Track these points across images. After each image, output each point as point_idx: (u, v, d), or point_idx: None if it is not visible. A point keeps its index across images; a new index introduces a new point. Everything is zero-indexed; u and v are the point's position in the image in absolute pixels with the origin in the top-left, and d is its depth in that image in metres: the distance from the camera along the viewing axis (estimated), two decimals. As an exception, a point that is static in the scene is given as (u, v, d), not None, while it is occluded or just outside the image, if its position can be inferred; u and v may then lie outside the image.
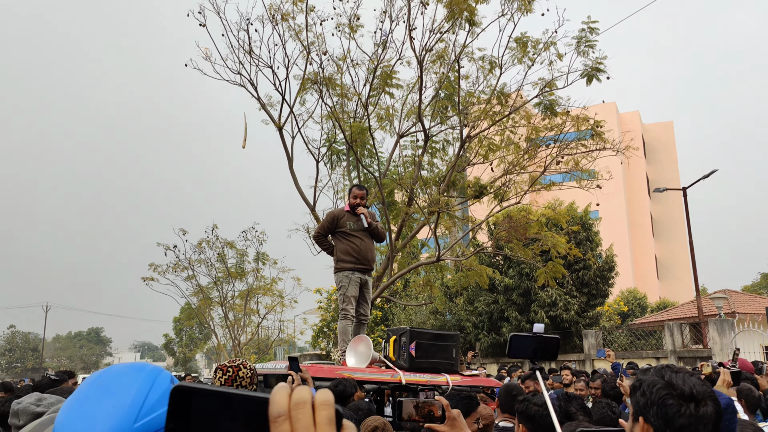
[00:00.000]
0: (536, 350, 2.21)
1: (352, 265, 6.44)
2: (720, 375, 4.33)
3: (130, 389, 1.15)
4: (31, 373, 61.05)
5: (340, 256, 6.50)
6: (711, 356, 17.37)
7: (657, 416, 1.52)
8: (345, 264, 6.46)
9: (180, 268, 21.05)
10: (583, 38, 11.74)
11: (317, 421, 0.64)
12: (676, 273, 47.88)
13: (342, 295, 6.47)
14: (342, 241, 6.53)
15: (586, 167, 13.19)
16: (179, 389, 0.65)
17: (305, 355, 36.18)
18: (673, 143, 53.92)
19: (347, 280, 6.42)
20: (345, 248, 6.48)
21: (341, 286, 6.48)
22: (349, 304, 6.40)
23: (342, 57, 12.79)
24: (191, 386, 0.65)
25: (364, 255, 6.48)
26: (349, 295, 6.40)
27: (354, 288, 6.43)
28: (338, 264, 6.53)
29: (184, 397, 0.64)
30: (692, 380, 1.55)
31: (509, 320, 22.79)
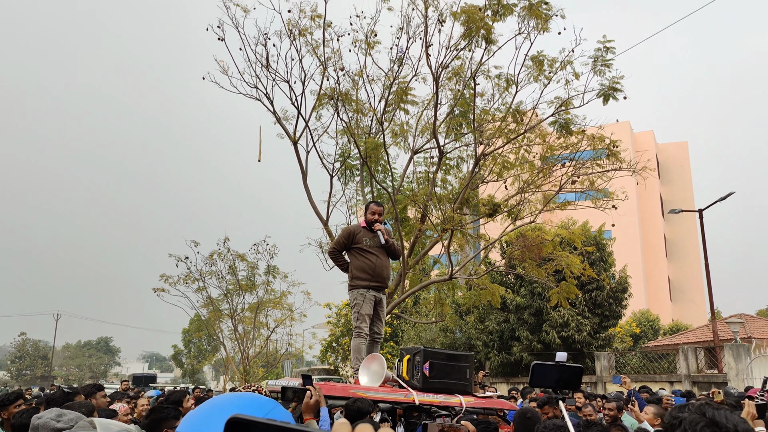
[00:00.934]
0: (559, 380, 2.15)
1: (366, 283, 6.36)
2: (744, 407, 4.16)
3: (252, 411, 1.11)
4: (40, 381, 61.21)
5: (356, 273, 6.41)
6: (726, 381, 17.06)
7: None
8: (360, 281, 6.38)
9: (191, 280, 21.09)
10: (599, 57, 11.71)
11: None
12: (690, 295, 47.33)
13: (356, 313, 6.38)
14: (357, 258, 6.45)
15: (602, 187, 13.09)
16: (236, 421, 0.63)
17: (313, 369, 36.04)
18: (687, 163, 53.55)
19: (362, 298, 6.34)
20: (360, 265, 6.40)
21: (355, 303, 6.39)
22: (363, 322, 6.32)
23: (358, 73, 12.83)
24: (249, 419, 0.63)
25: (379, 272, 6.40)
26: (363, 313, 6.31)
27: (368, 306, 6.35)
28: (353, 281, 6.43)
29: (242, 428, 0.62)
30: (735, 418, 1.48)
31: (520, 340, 22.58)
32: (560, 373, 2.15)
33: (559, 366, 2.14)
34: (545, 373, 2.14)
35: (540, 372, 2.15)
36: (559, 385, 2.13)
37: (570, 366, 2.14)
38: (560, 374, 2.15)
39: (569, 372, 2.15)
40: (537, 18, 11.45)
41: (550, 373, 2.14)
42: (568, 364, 2.13)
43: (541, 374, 2.15)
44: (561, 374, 2.15)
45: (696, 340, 22.96)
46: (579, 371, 2.19)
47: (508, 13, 11.62)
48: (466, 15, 11.22)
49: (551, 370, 2.13)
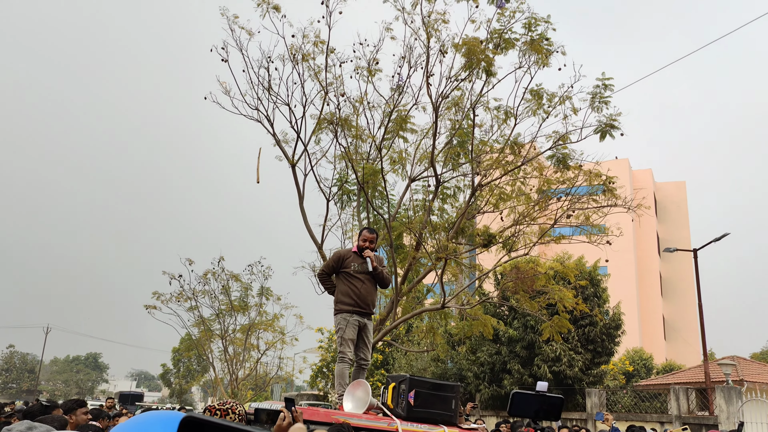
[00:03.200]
0: (539, 410, 2.12)
1: (350, 308, 6.35)
2: None
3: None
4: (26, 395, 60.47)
5: (340, 298, 6.41)
6: (717, 424, 16.91)
7: None
8: (344, 306, 6.37)
9: (183, 298, 20.96)
10: (597, 94, 11.83)
11: None
12: (684, 335, 47.14)
13: (340, 338, 6.36)
14: (343, 282, 6.45)
15: (597, 222, 13.13)
16: (190, 420, 0.63)
17: (303, 394, 35.66)
18: (685, 203, 53.79)
19: (345, 323, 6.32)
20: (345, 290, 6.40)
21: (339, 328, 6.37)
22: (347, 347, 6.29)
23: (359, 99, 12.96)
24: (202, 418, 0.63)
25: (363, 298, 6.39)
26: (346, 338, 6.29)
27: (351, 331, 6.32)
28: (337, 305, 6.43)
29: (195, 428, 0.63)
30: None
31: (511, 372, 22.40)
32: (540, 402, 2.10)
33: (540, 395, 2.09)
34: (525, 402, 2.10)
35: (520, 401, 2.11)
36: (539, 416, 2.09)
37: (550, 396, 2.10)
38: (540, 404, 2.11)
39: (550, 401, 2.11)
40: (538, 53, 11.60)
41: (530, 402, 2.10)
42: (548, 393, 2.09)
43: (520, 403, 2.11)
44: (541, 404, 2.11)
45: (688, 380, 22.80)
46: (559, 402, 2.15)
47: (510, 47, 11.78)
48: (468, 47, 11.37)
49: (531, 399, 2.09)
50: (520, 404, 2.11)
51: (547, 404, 2.10)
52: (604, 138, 11.85)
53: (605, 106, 11.82)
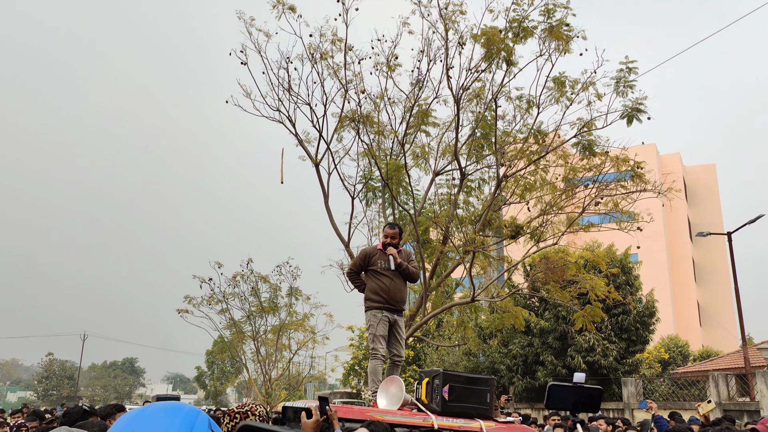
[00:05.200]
0: (577, 402, 2.06)
1: (379, 304, 6.34)
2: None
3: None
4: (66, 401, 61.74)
5: (369, 295, 6.41)
6: (759, 410, 16.53)
7: None
8: (373, 303, 6.37)
9: (214, 301, 21.15)
10: (622, 78, 11.61)
11: None
12: (720, 320, 46.22)
13: (371, 335, 6.35)
14: (372, 280, 6.45)
15: (626, 209, 12.90)
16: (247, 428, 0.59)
17: (336, 392, 35.81)
18: (715, 186, 52.70)
19: (375, 319, 6.31)
20: (374, 287, 6.39)
21: (369, 325, 6.37)
22: (378, 343, 6.27)
23: (379, 95, 12.91)
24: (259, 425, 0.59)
25: (392, 295, 6.37)
26: (377, 334, 6.27)
27: (383, 327, 6.30)
28: (366, 303, 6.44)
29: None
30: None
31: (544, 364, 22.18)
32: (578, 394, 2.05)
33: (577, 387, 2.04)
34: (562, 394, 2.04)
35: (557, 393, 2.05)
36: (577, 408, 2.03)
37: (588, 387, 2.05)
38: (578, 396, 2.05)
39: (587, 393, 2.05)
40: (558, 40, 11.43)
41: (568, 394, 2.04)
42: (586, 385, 2.03)
43: (558, 396, 2.05)
44: (579, 396, 2.05)
45: (727, 366, 22.34)
46: (598, 393, 2.09)
47: (529, 35, 11.62)
48: (487, 37, 11.25)
49: (568, 391, 2.04)
50: (558, 396, 2.06)
51: (585, 396, 2.05)
52: (631, 123, 11.63)
53: (630, 90, 11.60)
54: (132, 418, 1.09)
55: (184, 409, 1.13)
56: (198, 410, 1.15)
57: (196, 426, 1.10)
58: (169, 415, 1.10)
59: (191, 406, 1.17)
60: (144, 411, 1.11)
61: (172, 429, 1.07)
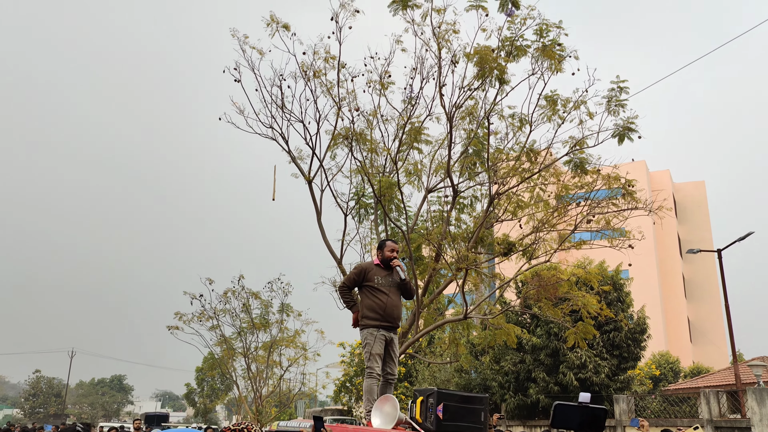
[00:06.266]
0: (582, 422, 2.07)
1: (377, 323, 6.28)
2: None
3: None
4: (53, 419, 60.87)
5: (366, 313, 6.32)
6: (750, 427, 16.56)
7: None
8: (369, 321, 6.30)
9: (205, 318, 21.02)
10: (613, 98, 11.74)
11: None
12: (711, 337, 46.37)
13: (367, 353, 6.29)
14: (368, 296, 6.38)
15: (618, 226, 12.98)
16: None
17: (327, 410, 35.53)
18: (705, 203, 53.13)
19: (372, 338, 6.25)
20: (370, 304, 6.33)
21: (366, 343, 6.30)
22: (375, 362, 6.22)
23: (372, 112, 12.98)
24: None
25: (389, 312, 6.33)
26: (374, 353, 6.22)
27: (379, 346, 6.26)
28: (363, 321, 6.33)
29: None
30: None
31: (536, 381, 22.15)
32: (583, 414, 2.06)
33: (582, 407, 2.05)
34: (568, 414, 2.05)
35: (562, 413, 2.06)
36: (582, 427, 2.05)
37: (593, 407, 2.06)
38: (583, 416, 2.06)
39: (592, 413, 2.07)
40: (550, 59, 11.55)
41: (573, 414, 2.05)
42: (591, 405, 2.05)
43: (563, 415, 2.06)
44: (584, 416, 2.06)
45: (718, 383, 22.39)
46: (603, 413, 2.10)
47: (522, 54, 11.74)
48: (479, 56, 11.36)
49: (573, 411, 2.05)
50: (563, 416, 2.06)
51: (590, 416, 2.06)
52: (622, 142, 11.73)
53: (621, 109, 11.72)
54: None
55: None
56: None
57: None
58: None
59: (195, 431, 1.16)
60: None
61: None
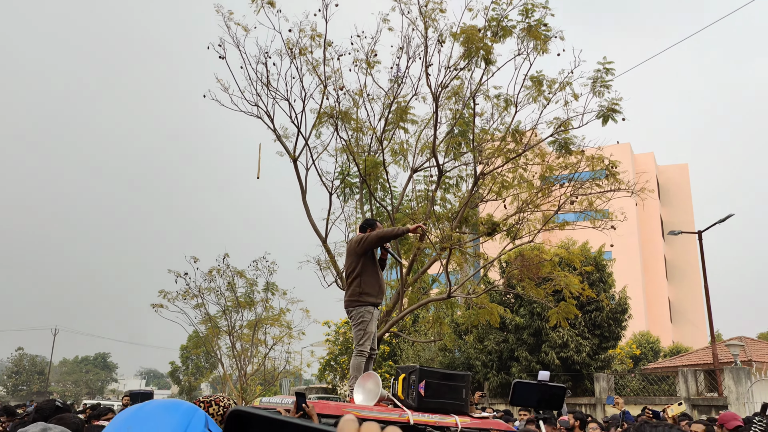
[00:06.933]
0: (541, 400, 2.12)
1: (374, 299, 6.30)
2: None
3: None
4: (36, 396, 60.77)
5: (367, 289, 6.27)
6: (726, 405, 16.94)
7: None
8: (370, 298, 6.25)
9: (190, 296, 20.99)
10: (598, 79, 11.78)
11: None
12: (691, 317, 47.15)
13: (362, 331, 6.27)
14: (370, 272, 6.31)
15: (601, 207, 13.11)
16: (237, 413, 0.61)
17: (311, 388, 35.80)
18: (688, 185, 53.69)
19: (370, 316, 6.25)
20: (372, 282, 6.28)
21: (362, 321, 6.27)
22: (368, 341, 6.25)
23: (358, 92, 12.92)
24: (250, 411, 0.61)
25: (383, 290, 6.44)
26: (369, 331, 6.24)
27: (374, 325, 6.31)
28: (362, 297, 6.27)
29: (242, 422, 0.60)
30: None
31: (519, 360, 22.44)
32: (542, 392, 2.11)
33: (541, 385, 2.10)
34: (527, 391, 2.10)
35: (521, 391, 2.12)
36: (541, 405, 2.09)
37: (552, 385, 2.11)
38: (542, 394, 2.11)
39: (551, 392, 2.11)
40: (536, 39, 11.55)
41: (532, 392, 2.10)
42: (550, 383, 2.10)
43: (522, 393, 2.12)
44: (543, 394, 2.11)
45: (696, 362, 22.83)
46: (562, 391, 2.15)
47: (507, 34, 11.72)
48: (466, 36, 11.33)
49: (533, 389, 2.10)
50: (522, 394, 2.12)
51: (549, 394, 2.11)
52: (606, 123, 11.81)
53: (606, 90, 11.77)
54: (129, 416, 1.11)
55: (182, 407, 1.14)
56: (195, 407, 1.16)
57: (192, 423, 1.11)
58: (167, 412, 1.11)
59: (189, 403, 1.18)
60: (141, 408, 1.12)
61: (168, 426, 1.08)
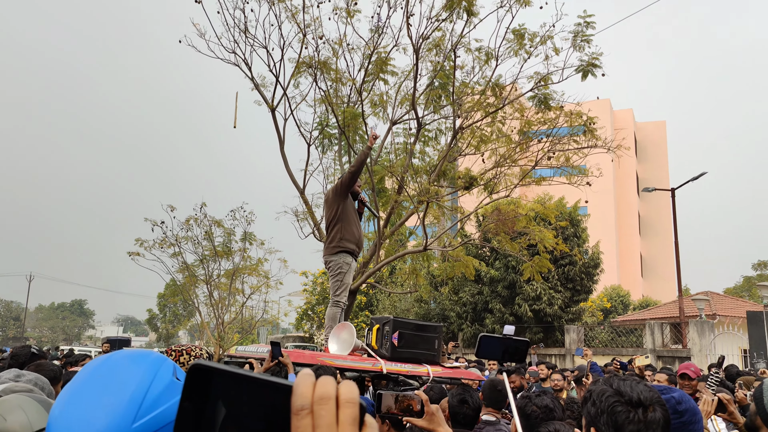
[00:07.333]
0: (505, 352, 2.22)
1: (353, 246, 6.33)
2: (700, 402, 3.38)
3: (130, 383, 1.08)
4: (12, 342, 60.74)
5: (346, 236, 6.27)
6: (690, 356, 17.58)
7: (607, 424, 1.55)
8: (349, 244, 6.27)
9: (167, 245, 20.93)
10: (579, 33, 11.70)
11: (340, 419, 0.60)
12: (661, 272, 48.31)
13: (339, 281, 6.31)
14: (348, 223, 6.31)
15: (577, 163, 13.22)
16: (198, 367, 0.61)
17: (288, 336, 36.24)
18: (664, 143, 54.17)
19: (347, 267, 6.30)
20: (352, 231, 6.30)
21: (340, 272, 6.29)
22: (344, 292, 6.33)
23: (338, 41, 12.69)
24: (211, 365, 0.62)
25: (361, 244, 6.48)
26: (346, 282, 6.31)
27: (350, 277, 6.39)
28: (342, 243, 6.27)
29: (203, 376, 0.61)
30: (640, 387, 1.58)
31: (493, 312, 22.93)
32: (506, 345, 2.20)
33: (506, 339, 2.19)
34: (491, 345, 2.19)
35: (486, 344, 2.21)
36: (505, 358, 2.19)
37: (516, 339, 2.21)
38: (506, 347, 2.21)
39: (515, 345, 2.21)
40: (519, -10, 11.38)
41: (497, 345, 2.19)
42: (514, 337, 2.19)
43: (487, 346, 2.21)
44: (507, 347, 2.21)
45: (663, 315, 23.53)
46: (525, 345, 2.26)
47: (491, -15, 11.52)
48: (449, -15, 11.12)
49: (497, 342, 2.19)
50: (487, 347, 2.21)
51: (512, 348, 2.21)
52: (585, 77, 11.79)
53: (587, 44, 11.71)
54: (97, 366, 1.13)
55: (150, 357, 1.15)
56: (164, 357, 1.18)
57: (160, 372, 1.13)
58: (134, 363, 1.12)
59: (157, 353, 1.20)
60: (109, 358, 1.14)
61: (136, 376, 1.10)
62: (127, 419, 1.04)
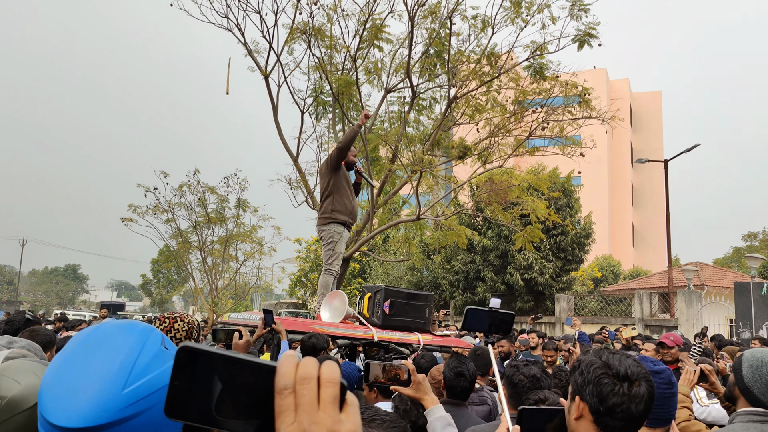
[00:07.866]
0: (491, 325, 2.26)
1: (345, 218, 6.41)
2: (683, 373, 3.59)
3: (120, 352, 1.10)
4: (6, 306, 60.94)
5: (338, 207, 6.35)
6: (677, 326, 17.85)
7: (592, 394, 1.61)
8: (341, 216, 6.34)
9: (160, 211, 20.92)
10: (577, 1, 11.58)
11: (321, 398, 0.63)
12: (652, 242, 48.67)
13: (330, 250, 6.38)
14: (341, 194, 6.39)
15: (572, 134, 13.22)
16: (186, 349, 0.65)
17: (282, 303, 36.52)
18: (660, 113, 54.03)
19: (338, 236, 6.37)
20: (344, 202, 6.37)
21: (332, 241, 6.36)
22: (337, 260, 6.39)
23: (332, 7, 12.52)
24: (198, 347, 0.65)
25: (354, 215, 6.53)
26: (337, 251, 6.38)
27: (343, 245, 6.45)
28: (333, 214, 6.35)
29: (190, 356, 0.65)
30: (628, 361, 1.64)
31: (485, 280, 23.14)
32: (492, 318, 2.25)
33: (492, 312, 2.24)
34: (478, 317, 2.23)
35: (473, 316, 2.24)
36: (491, 330, 2.24)
37: (502, 312, 2.25)
38: (492, 319, 2.25)
39: (501, 318, 2.26)
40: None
41: (483, 318, 2.23)
42: (500, 310, 2.24)
43: (473, 319, 2.25)
44: (493, 320, 2.25)
45: (652, 285, 23.82)
46: (510, 318, 2.30)
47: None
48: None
49: (483, 315, 2.23)
50: (473, 319, 2.25)
51: (498, 320, 2.25)
52: (582, 47, 11.71)
53: (584, 14, 11.60)
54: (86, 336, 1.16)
55: (138, 327, 1.19)
56: (152, 327, 1.21)
57: (149, 341, 1.16)
58: (122, 332, 1.16)
59: (145, 324, 1.23)
60: (98, 329, 1.17)
61: (125, 345, 1.14)
62: (118, 385, 1.07)
